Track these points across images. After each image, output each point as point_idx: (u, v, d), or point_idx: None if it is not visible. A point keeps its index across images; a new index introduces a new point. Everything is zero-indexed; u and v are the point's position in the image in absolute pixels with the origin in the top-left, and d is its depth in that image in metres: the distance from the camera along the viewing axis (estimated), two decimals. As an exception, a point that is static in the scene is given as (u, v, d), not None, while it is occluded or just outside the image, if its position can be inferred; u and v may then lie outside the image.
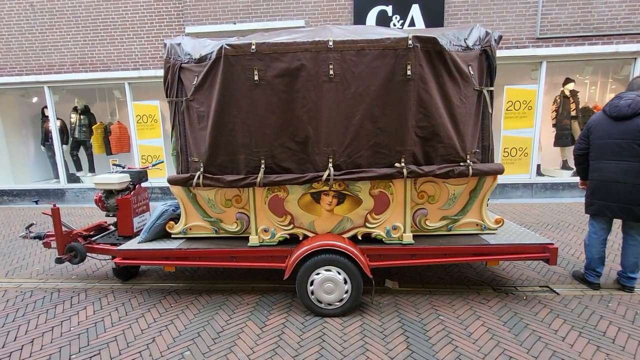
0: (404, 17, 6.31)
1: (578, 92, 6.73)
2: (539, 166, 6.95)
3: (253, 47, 2.61)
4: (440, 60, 2.61)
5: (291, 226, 2.94)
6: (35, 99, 8.13)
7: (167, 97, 2.98)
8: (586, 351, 2.26)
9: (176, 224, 3.14)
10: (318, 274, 2.67)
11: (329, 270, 2.66)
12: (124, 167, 3.84)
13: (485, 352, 2.28)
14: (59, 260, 3.24)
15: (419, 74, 2.59)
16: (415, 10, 6.26)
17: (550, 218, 5.34)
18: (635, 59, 6.25)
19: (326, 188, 2.83)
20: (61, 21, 7.03)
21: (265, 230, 2.93)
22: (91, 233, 3.61)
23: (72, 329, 2.70)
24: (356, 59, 2.61)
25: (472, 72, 2.72)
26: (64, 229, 3.31)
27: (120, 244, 3.19)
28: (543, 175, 7.02)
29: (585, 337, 2.40)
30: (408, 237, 2.86)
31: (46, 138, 7.78)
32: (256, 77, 2.64)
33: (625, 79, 6.65)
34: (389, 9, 6.31)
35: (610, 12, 6.11)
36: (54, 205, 3.25)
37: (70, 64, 7.14)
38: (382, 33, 2.69)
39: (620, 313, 2.68)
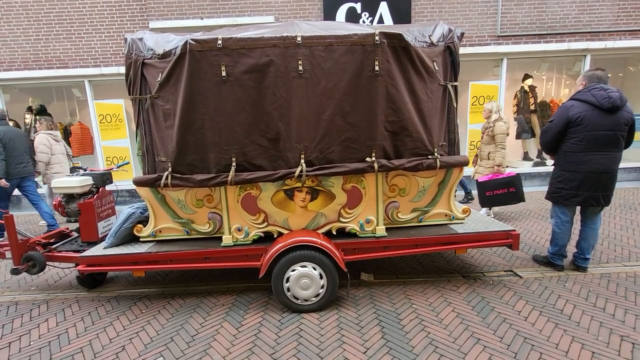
0: (372, 14, 6.41)
1: (536, 87, 7.15)
2: (502, 158, 7.31)
3: (219, 42, 2.54)
4: (407, 56, 2.67)
5: (265, 224, 2.92)
6: (-18, 99, 7.49)
7: (130, 94, 2.85)
8: (546, 328, 2.42)
9: (145, 227, 3.02)
10: (294, 270, 2.67)
11: (305, 266, 2.67)
12: (85, 170, 3.63)
13: (456, 336, 2.38)
14: (15, 271, 3.01)
15: (386, 70, 2.64)
16: (383, 8, 6.38)
17: (513, 207, 5.65)
18: (585, 55, 6.73)
19: (299, 184, 2.83)
20: (9, 14, 6.50)
21: (239, 230, 2.89)
22: (51, 240, 3.39)
23: (32, 343, 2.53)
24: (325, 54, 2.62)
25: (437, 68, 2.81)
26: (19, 237, 3.08)
27: (84, 251, 3.03)
28: (506, 166, 7.39)
29: (545, 316, 2.57)
30: (381, 230, 2.92)
31: (-3, 141, 7.18)
32: (224, 73, 2.58)
33: (577, 74, 7.13)
34: (358, 6, 6.38)
35: (562, 12, 6.53)
36: (7, 212, 3.02)
37: (22, 60, 6.63)
38: (350, 29, 2.71)
39: (575, 292, 2.89)
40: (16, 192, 7.11)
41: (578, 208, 3.19)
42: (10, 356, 2.39)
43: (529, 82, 7.00)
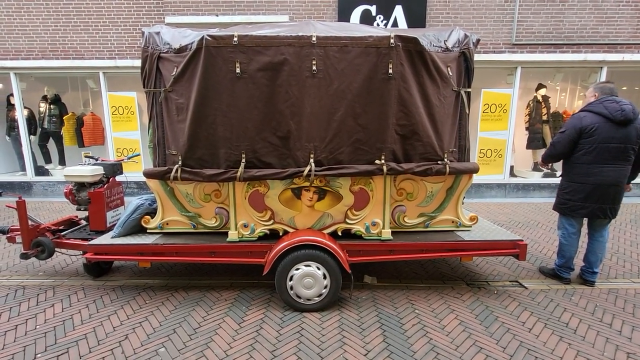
0: (387, 18, 6.40)
1: (549, 97, 7.06)
2: (512, 167, 7.24)
3: (235, 39, 2.57)
4: (421, 60, 2.67)
5: (271, 222, 2.93)
6: (0, 86, 7.65)
7: (144, 87, 2.88)
8: (550, 341, 2.39)
9: (152, 218, 3.05)
10: (298, 269, 2.68)
11: (309, 266, 2.67)
12: (97, 160, 3.69)
13: (458, 343, 2.36)
14: (24, 256, 3.07)
15: (400, 73, 2.64)
16: (398, 11, 6.36)
17: (521, 217, 5.59)
18: (602, 67, 6.63)
19: (307, 184, 2.83)
20: (30, 4, 6.64)
21: (245, 226, 2.91)
22: (60, 227, 3.44)
23: (38, 327, 2.58)
24: (339, 55, 2.62)
25: (450, 73, 2.80)
26: (30, 222, 3.14)
27: (92, 239, 3.07)
28: (516, 176, 7.33)
29: (550, 328, 2.53)
30: (387, 233, 2.91)
31: (12, 128, 7.33)
32: (238, 70, 2.60)
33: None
34: (373, 9, 6.37)
35: (580, 22, 6.45)
36: (20, 198, 3.08)
37: (40, 50, 6.76)
38: (365, 31, 2.71)
39: (582, 306, 2.85)
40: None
41: (586, 220, 3.14)
42: (17, 338, 2.44)
43: (542, 91, 6.91)
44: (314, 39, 2.59)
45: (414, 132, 2.74)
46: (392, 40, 2.58)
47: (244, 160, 2.71)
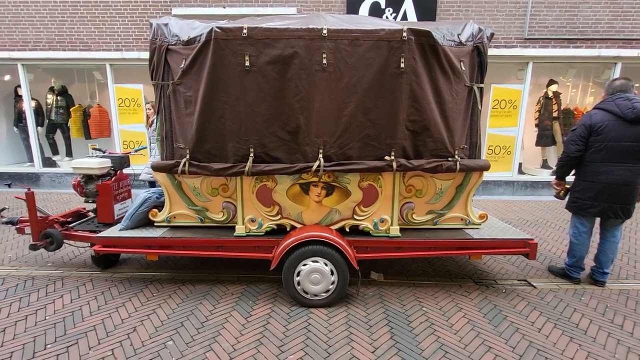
0: (396, 11, 6.29)
1: (560, 93, 6.93)
2: (520, 164, 7.15)
3: (245, 31, 2.52)
4: (434, 55, 2.61)
5: (279, 217, 2.91)
6: (7, 77, 7.67)
7: (152, 79, 2.86)
8: (560, 342, 2.36)
9: (160, 211, 3.05)
10: (305, 264, 2.66)
11: (316, 262, 2.66)
12: (104, 152, 3.69)
13: (466, 342, 2.34)
14: (33, 247, 3.09)
15: (412, 67, 2.58)
16: (408, 4, 6.25)
17: (530, 215, 5.53)
18: (616, 63, 6.47)
19: (315, 179, 2.80)
20: (37, -5, 6.61)
21: (252, 220, 2.89)
22: (69, 219, 3.46)
23: (47, 317, 2.60)
24: (350, 49, 2.57)
25: (463, 68, 2.73)
26: (39, 214, 3.16)
27: (100, 231, 3.08)
28: (524, 173, 7.24)
29: (559, 329, 2.50)
30: (395, 230, 2.88)
31: (19, 119, 7.37)
32: (247, 63, 2.56)
33: (605, 82, 6.87)
34: (382, 1, 6.26)
35: (594, 17, 6.29)
36: (29, 189, 3.09)
37: (47, 41, 6.75)
38: (377, 24, 2.66)
39: (592, 306, 2.81)
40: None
41: (598, 220, 3.09)
42: (27, 328, 2.47)
43: (553, 87, 6.78)
44: (324, 31, 2.54)
45: (425, 128, 2.69)
46: (404, 34, 2.52)
47: (252, 154, 2.68)
